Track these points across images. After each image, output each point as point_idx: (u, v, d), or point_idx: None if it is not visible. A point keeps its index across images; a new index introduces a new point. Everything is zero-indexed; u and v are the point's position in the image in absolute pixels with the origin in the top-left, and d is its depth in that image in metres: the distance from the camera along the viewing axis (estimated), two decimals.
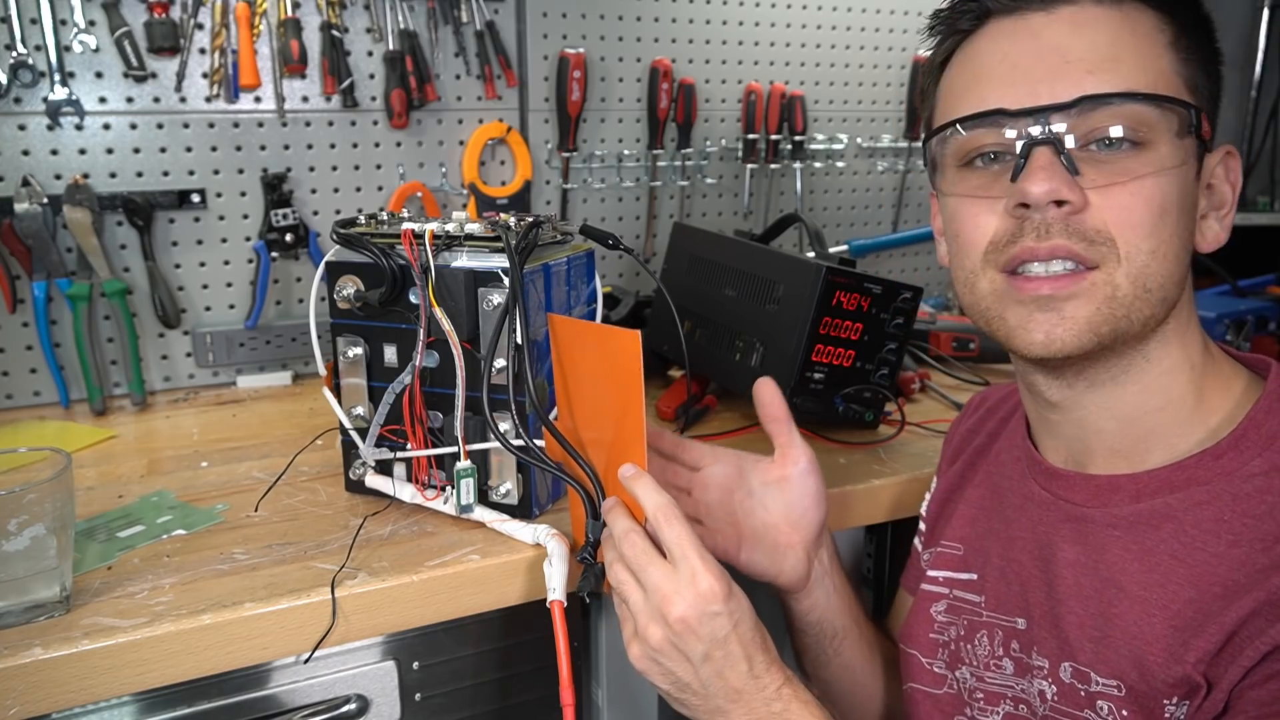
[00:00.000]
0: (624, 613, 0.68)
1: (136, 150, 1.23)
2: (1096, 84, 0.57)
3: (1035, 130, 0.58)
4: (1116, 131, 0.57)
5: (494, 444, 0.80)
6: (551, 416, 0.83)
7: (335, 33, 1.29)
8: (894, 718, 0.86)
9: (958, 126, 0.62)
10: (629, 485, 0.67)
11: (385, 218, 0.84)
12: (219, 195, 1.28)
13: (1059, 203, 0.58)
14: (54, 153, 1.19)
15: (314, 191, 1.34)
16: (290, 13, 1.26)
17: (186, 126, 1.25)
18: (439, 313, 0.78)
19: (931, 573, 0.79)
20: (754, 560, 0.79)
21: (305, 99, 1.31)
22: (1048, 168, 0.57)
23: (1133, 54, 0.58)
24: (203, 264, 1.30)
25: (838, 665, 0.83)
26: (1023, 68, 0.59)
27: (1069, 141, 0.58)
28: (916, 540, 0.88)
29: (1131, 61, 0.58)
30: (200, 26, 1.23)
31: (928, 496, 0.87)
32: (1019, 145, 0.59)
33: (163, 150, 1.24)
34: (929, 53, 0.68)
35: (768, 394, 0.79)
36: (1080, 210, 0.58)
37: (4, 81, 1.14)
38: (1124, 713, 0.59)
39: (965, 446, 0.83)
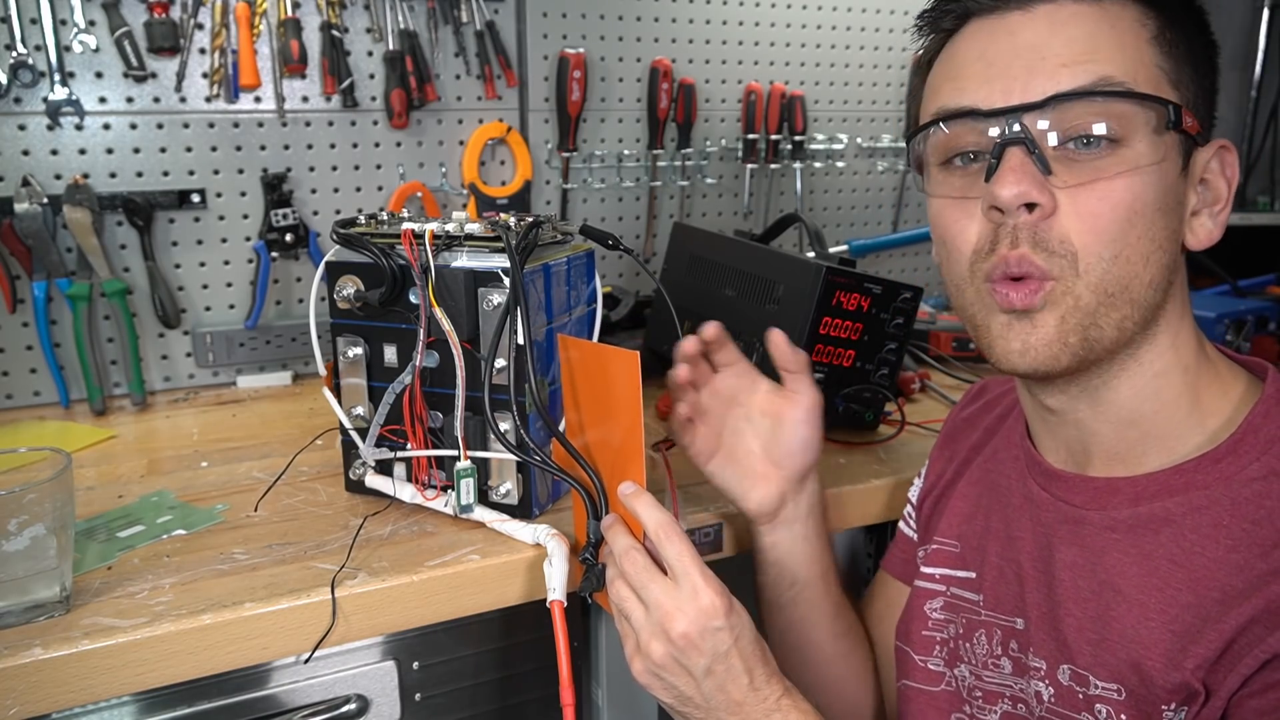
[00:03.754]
0: (626, 629, 0.69)
1: (136, 150, 1.23)
2: (1070, 80, 0.56)
3: (1008, 130, 0.58)
4: (1090, 129, 0.56)
5: (495, 453, 0.80)
6: (560, 428, 0.82)
7: (335, 33, 1.29)
8: (852, 688, 0.86)
9: (936, 126, 0.62)
10: (629, 503, 0.68)
11: (385, 218, 0.85)
12: (219, 195, 1.28)
13: (1029, 205, 0.57)
14: (54, 153, 1.19)
15: (314, 191, 1.34)
16: (290, 13, 1.26)
17: (186, 126, 1.25)
18: (439, 313, 0.78)
19: (927, 569, 0.78)
20: (722, 475, 0.81)
21: (305, 99, 1.31)
22: (1018, 169, 0.57)
23: (1110, 48, 0.57)
24: (203, 264, 1.30)
25: (792, 614, 0.83)
26: (999, 66, 0.59)
27: (1047, 139, 0.57)
28: (904, 526, 0.87)
29: (1108, 56, 0.57)
30: (200, 26, 1.23)
31: (917, 483, 0.87)
32: (993, 145, 0.58)
33: (163, 150, 1.24)
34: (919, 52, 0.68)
35: (780, 348, 0.80)
36: (1049, 215, 0.57)
37: (4, 81, 1.14)
38: (1122, 717, 0.58)
39: (959, 437, 0.83)
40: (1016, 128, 0.57)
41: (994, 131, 0.58)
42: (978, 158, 0.61)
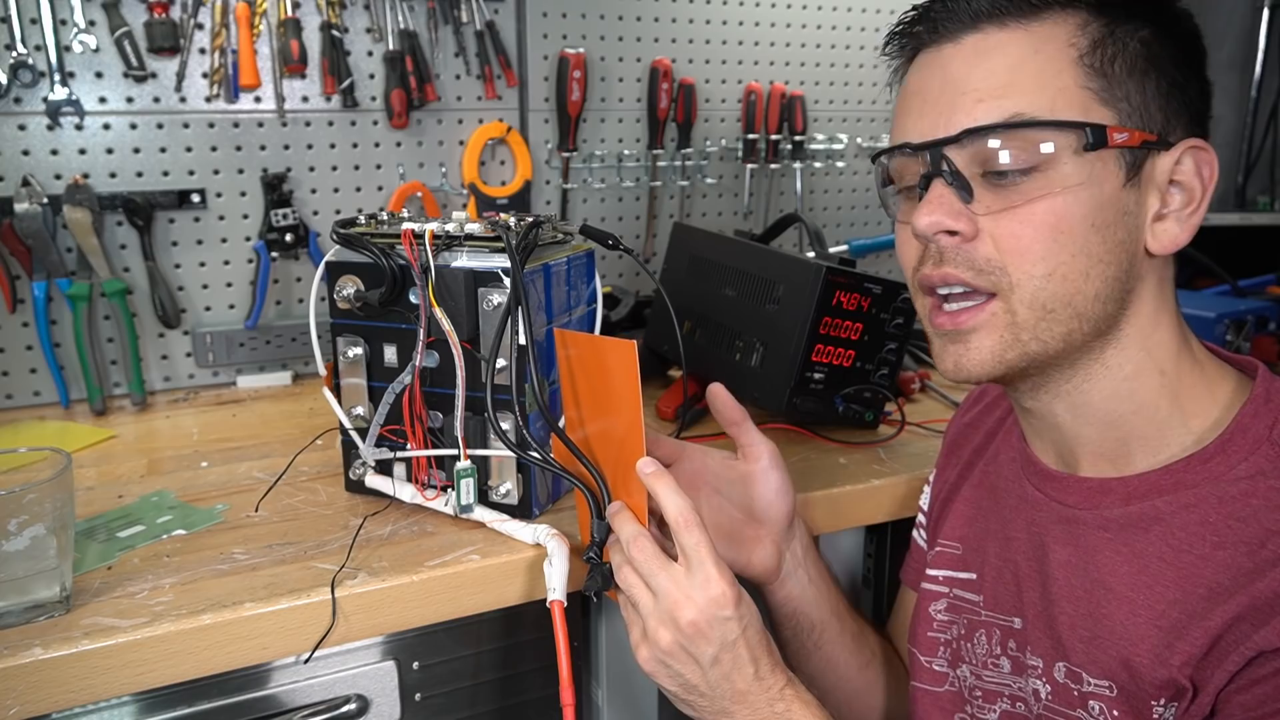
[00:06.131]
0: (632, 616, 0.69)
1: (136, 150, 1.23)
2: (985, 115, 0.59)
3: (929, 163, 0.61)
4: (1002, 159, 0.59)
5: (494, 450, 0.80)
6: (560, 424, 0.83)
7: (335, 33, 1.29)
8: (887, 714, 0.86)
9: (883, 158, 0.66)
10: (649, 483, 0.68)
11: (385, 218, 0.85)
12: (219, 195, 1.28)
13: (951, 232, 0.60)
14: (54, 153, 1.19)
15: (314, 191, 1.34)
16: (290, 13, 1.26)
17: (186, 126, 1.25)
18: (439, 313, 0.78)
19: (931, 571, 0.79)
20: (722, 556, 0.81)
21: (305, 99, 1.31)
22: (936, 200, 0.60)
23: (1028, 78, 0.58)
24: (203, 264, 1.30)
25: (819, 659, 0.84)
26: (930, 101, 0.62)
27: (973, 168, 0.60)
28: (916, 534, 0.88)
29: (1025, 86, 0.58)
30: (200, 26, 1.23)
31: (926, 490, 0.87)
32: (919, 177, 0.62)
33: (163, 150, 1.24)
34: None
35: (721, 400, 0.82)
36: (971, 239, 0.60)
37: (4, 81, 1.14)
38: (1115, 713, 0.59)
39: (963, 442, 0.84)
40: (936, 161, 0.60)
41: (921, 164, 0.62)
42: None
